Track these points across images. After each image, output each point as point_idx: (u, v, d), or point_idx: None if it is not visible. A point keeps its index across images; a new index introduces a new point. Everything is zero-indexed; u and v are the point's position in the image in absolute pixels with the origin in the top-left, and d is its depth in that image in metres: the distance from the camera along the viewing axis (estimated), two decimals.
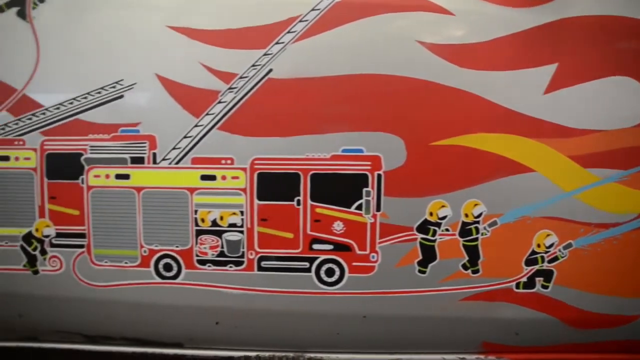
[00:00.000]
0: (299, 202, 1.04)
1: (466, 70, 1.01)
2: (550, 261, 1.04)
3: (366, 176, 1.02)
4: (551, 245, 1.04)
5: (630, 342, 1.09)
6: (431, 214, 1.03)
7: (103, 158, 1.07)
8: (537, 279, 1.05)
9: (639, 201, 1.02)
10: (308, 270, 1.06)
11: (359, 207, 1.03)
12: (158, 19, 1.08)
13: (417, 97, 1.02)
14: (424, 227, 1.03)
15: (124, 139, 1.06)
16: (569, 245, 1.04)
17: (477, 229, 1.04)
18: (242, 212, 1.05)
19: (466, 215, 1.03)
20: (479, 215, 1.03)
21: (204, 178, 1.05)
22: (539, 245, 1.04)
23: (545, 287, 1.05)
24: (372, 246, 1.04)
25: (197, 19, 1.06)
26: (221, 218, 1.05)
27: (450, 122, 1.02)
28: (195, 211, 1.06)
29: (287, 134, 1.02)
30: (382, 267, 1.05)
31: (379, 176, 1.02)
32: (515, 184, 1.02)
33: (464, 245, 1.04)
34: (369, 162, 1.02)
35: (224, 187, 1.05)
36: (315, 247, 1.05)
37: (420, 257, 1.05)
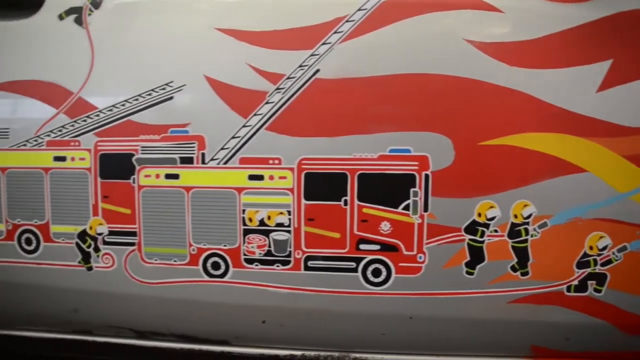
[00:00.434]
0: (346, 202, 1.04)
1: (516, 68, 0.99)
2: (603, 264, 1.01)
3: (414, 176, 1.01)
4: (604, 248, 1.00)
5: None
6: (479, 214, 1.01)
7: (153, 158, 1.09)
8: (590, 282, 1.02)
9: None
10: (354, 270, 1.06)
11: (406, 208, 1.02)
12: (206, 21, 1.09)
13: (465, 97, 1.00)
14: (472, 227, 1.02)
15: (173, 140, 1.08)
16: (624, 248, 1.00)
17: (526, 230, 1.01)
18: (289, 212, 1.06)
19: (515, 216, 1.01)
20: (529, 216, 1.01)
21: (251, 178, 1.06)
22: (591, 248, 1.00)
23: (598, 291, 1.02)
24: (419, 247, 1.03)
25: (244, 20, 1.07)
26: (269, 217, 1.06)
27: (499, 121, 1.00)
28: (243, 211, 1.07)
29: (335, 134, 1.02)
30: (429, 268, 1.04)
31: (427, 176, 1.01)
32: (566, 184, 0.99)
33: (512, 247, 1.02)
34: (417, 162, 1.01)
35: (272, 187, 1.05)
36: (362, 247, 1.05)
37: (468, 259, 1.03)
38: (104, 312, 1.22)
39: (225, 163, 1.06)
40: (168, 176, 1.10)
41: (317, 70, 1.02)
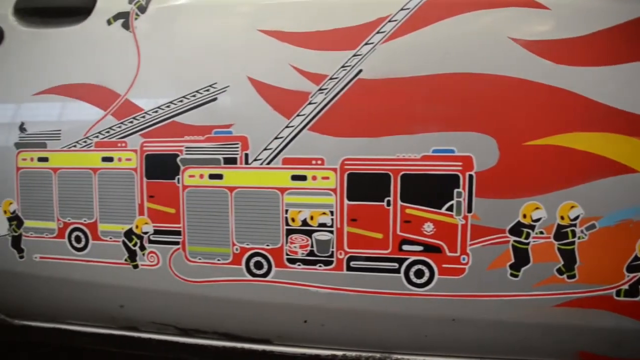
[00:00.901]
0: (388, 203, 1.03)
1: (562, 66, 0.96)
2: None
3: (457, 177, 1.00)
4: None
5: None
6: (524, 216, 0.99)
7: (197, 159, 1.11)
8: None
9: None
10: (397, 271, 1.05)
11: (450, 209, 1.01)
12: (248, 23, 1.11)
13: (510, 96, 0.98)
14: (517, 229, 1.00)
15: (217, 140, 1.10)
16: None
17: (573, 232, 0.98)
18: (332, 212, 1.06)
19: (562, 218, 0.98)
20: (576, 217, 0.98)
21: (294, 178, 1.07)
22: None
23: None
24: (462, 248, 1.02)
25: (287, 22, 1.08)
26: (311, 218, 1.07)
27: (545, 121, 0.97)
28: (286, 211, 1.08)
29: (378, 135, 1.02)
30: (472, 269, 1.02)
31: (471, 177, 1.00)
32: (615, 185, 0.96)
33: (559, 249, 1.00)
34: (460, 163, 1.00)
35: (315, 187, 1.06)
36: (404, 248, 1.04)
37: (513, 260, 1.01)
38: (148, 308, 1.25)
39: (268, 163, 1.07)
40: (212, 176, 1.11)
41: (360, 71, 1.02)
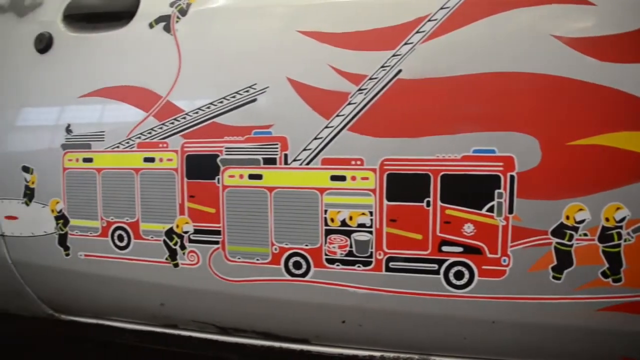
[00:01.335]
0: (428, 204, 1.03)
1: (608, 64, 0.94)
2: None
3: (498, 177, 0.99)
4: None
5: None
6: (568, 217, 0.97)
7: (237, 159, 1.13)
8: None
9: None
10: (436, 272, 1.04)
11: (491, 209, 1.00)
12: (287, 24, 1.12)
13: (553, 95, 0.96)
14: (560, 231, 0.98)
15: (257, 141, 1.11)
16: None
17: (619, 235, 0.96)
18: (371, 213, 1.06)
19: (607, 220, 0.96)
20: (622, 219, 0.95)
21: (334, 178, 1.07)
22: None
23: None
24: (503, 249, 1.00)
25: (325, 22, 1.08)
26: (350, 218, 1.07)
27: (589, 120, 0.95)
28: (325, 211, 1.08)
29: (417, 135, 1.01)
30: (513, 271, 1.01)
31: (512, 177, 0.98)
32: None
33: (603, 252, 0.97)
34: (501, 163, 0.98)
35: (354, 188, 1.06)
36: (444, 249, 1.03)
37: (555, 263, 0.99)
38: (188, 307, 1.27)
39: (307, 164, 1.08)
40: (251, 176, 1.13)
41: (400, 71, 1.02)
